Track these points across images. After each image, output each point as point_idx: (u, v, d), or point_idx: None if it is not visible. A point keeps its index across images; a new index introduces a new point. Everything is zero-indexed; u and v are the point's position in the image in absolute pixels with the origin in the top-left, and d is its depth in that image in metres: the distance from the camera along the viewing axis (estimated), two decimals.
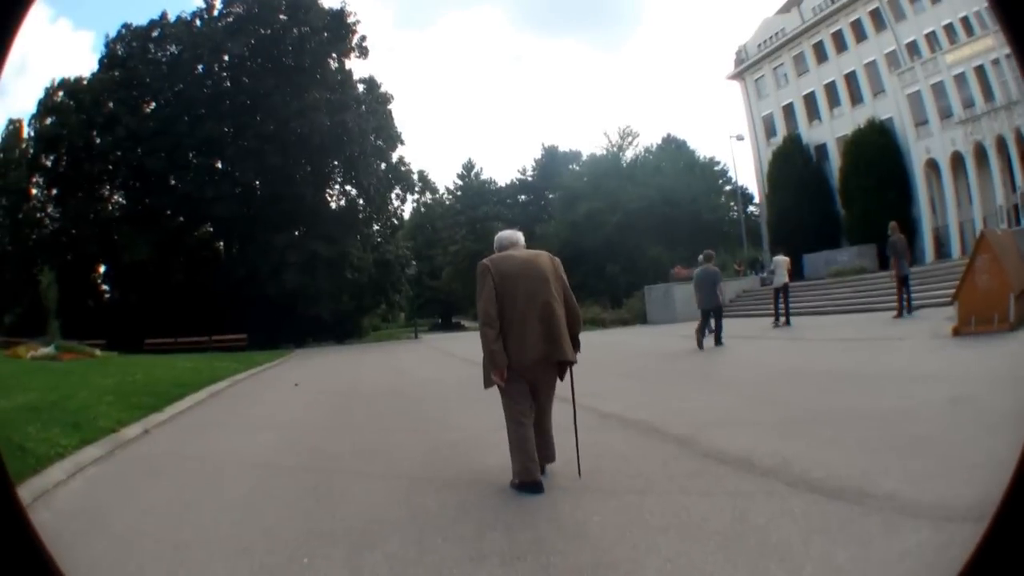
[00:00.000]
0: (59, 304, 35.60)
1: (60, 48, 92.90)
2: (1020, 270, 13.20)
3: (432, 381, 15.33)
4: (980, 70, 35.63)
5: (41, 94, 50.30)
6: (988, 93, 35.50)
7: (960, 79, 36.90)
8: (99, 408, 10.21)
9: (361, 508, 5.22)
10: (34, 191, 50.22)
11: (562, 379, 5.83)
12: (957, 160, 37.46)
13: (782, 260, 22.15)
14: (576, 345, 5.80)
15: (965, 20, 37.71)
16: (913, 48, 41.14)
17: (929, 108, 38.92)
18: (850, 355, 13.18)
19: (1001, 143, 34.65)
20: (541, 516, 4.71)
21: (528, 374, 5.52)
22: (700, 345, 17.09)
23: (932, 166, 39.10)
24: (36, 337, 27.97)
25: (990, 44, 33.79)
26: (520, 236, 6.12)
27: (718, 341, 17.29)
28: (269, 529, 4.86)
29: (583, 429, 5.94)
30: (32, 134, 49.74)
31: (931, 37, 40.14)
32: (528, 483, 5.33)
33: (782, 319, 21.79)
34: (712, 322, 17.53)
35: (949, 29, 38.92)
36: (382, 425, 9.48)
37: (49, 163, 48.82)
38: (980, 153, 35.93)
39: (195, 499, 5.92)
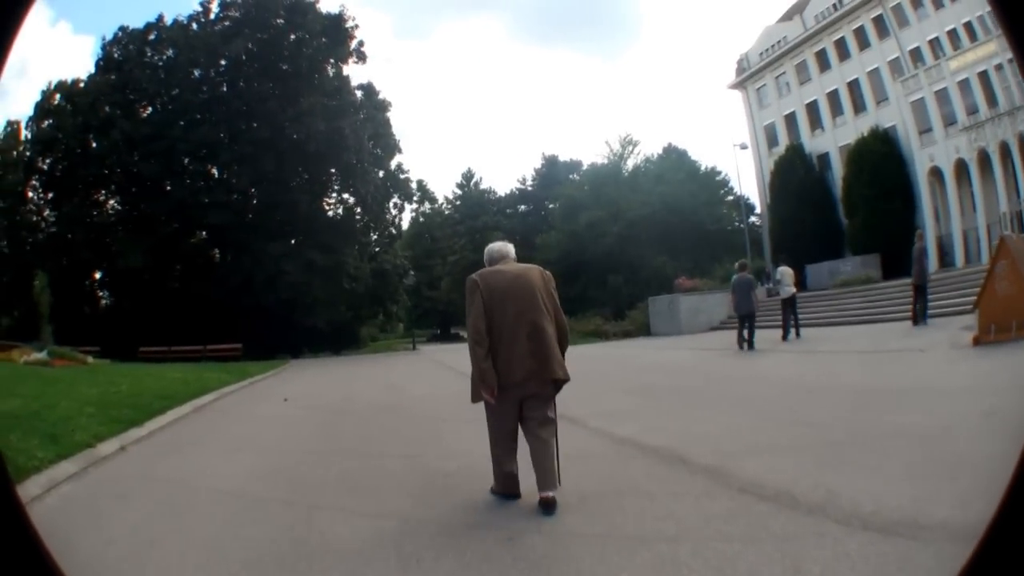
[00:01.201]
0: (53, 309, 35.13)
1: (60, 51, 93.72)
2: None
3: (428, 398, 14.50)
4: (984, 75, 35.61)
5: (39, 96, 49.85)
6: (992, 98, 35.43)
7: (964, 85, 36.89)
8: (79, 420, 9.77)
9: (343, 557, 4.45)
10: (31, 194, 49.69)
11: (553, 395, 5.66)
12: (961, 168, 37.33)
13: (787, 271, 22.04)
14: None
15: (968, 25, 37.68)
16: (916, 55, 41.12)
17: (933, 115, 38.87)
18: (872, 369, 12.69)
19: (1005, 149, 34.53)
20: (559, 573, 3.95)
21: (518, 391, 5.39)
22: (741, 347, 18.86)
23: (936, 174, 38.96)
24: (31, 341, 27.49)
25: (993, 49, 33.77)
26: (510, 248, 6.03)
27: (751, 345, 18.77)
28: None
29: (596, 455, 6.20)
30: (29, 136, 49.30)
31: (935, 43, 40.05)
32: (505, 493, 5.48)
33: (792, 332, 21.31)
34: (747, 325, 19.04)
35: (952, 35, 38.86)
36: (373, 449, 8.66)
37: (46, 166, 48.36)
38: (984, 160, 35.81)
39: (160, 534, 5.21)
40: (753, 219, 56.89)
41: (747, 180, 71.08)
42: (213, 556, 4.59)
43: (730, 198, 63.82)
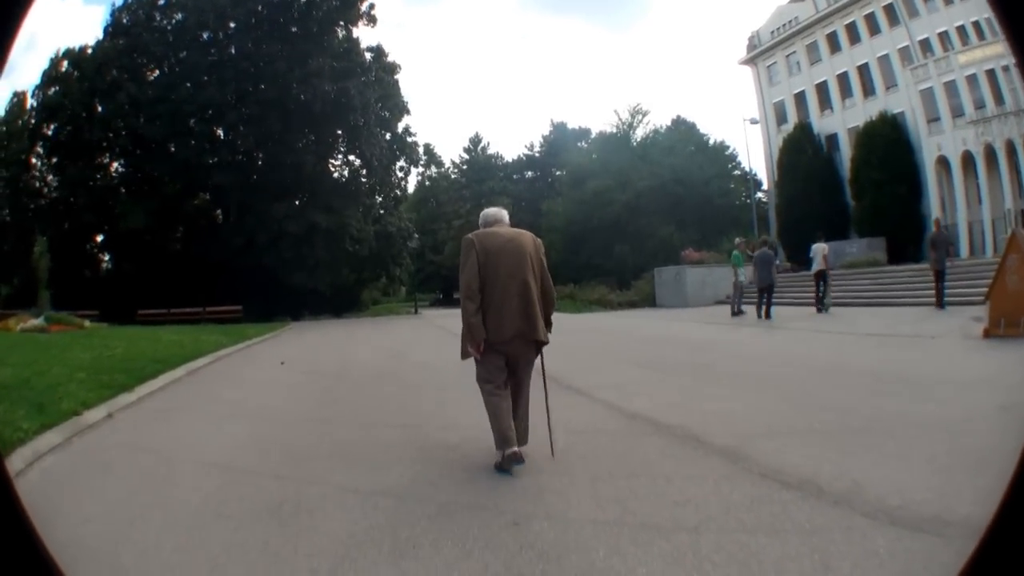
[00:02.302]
0: (52, 274, 34.98)
1: (70, 23, 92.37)
2: None
3: (430, 364, 14.09)
4: (991, 74, 35.66)
5: (46, 65, 49.35)
6: (999, 97, 35.59)
7: (972, 80, 37.03)
8: (68, 387, 9.47)
9: (333, 540, 4.09)
10: (35, 161, 49.30)
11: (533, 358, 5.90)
12: (968, 160, 37.36)
13: (819, 247, 23.30)
14: (548, 326, 5.92)
15: (977, 24, 37.71)
16: (926, 45, 41.15)
17: (941, 105, 38.96)
18: (887, 353, 12.43)
19: (1010, 148, 34.56)
20: (569, 565, 3.59)
21: (505, 348, 5.62)
22: (759, 315, 21.24)
23: (943, 163, 38.97)
24: (29, 308, 27.36)
25: (1000, 50, 33.46)
26: (505, 214, 6.21)
27: (767, 315, 21.13)
28: (216, 562, 3.85)
29: (606, 431, 6.08)
30: (35, 104, 48.77)
31: (944, 36, 40.19)
32: (508, 457, 5.37)
33: (821, 305, 22.77)
34: (766, 297, 21.41)
35: (961, 31, 38.97)
36: (370, 418, 8.25)
37: (50, 132, 47.69)
38: (990, 155, 35.82)
39: (141, 510, 4.86)
40: (759, 195, 56.49)
41: (755, 156, 70.77)
42: (194, 538, 4.27)
43: (737, 173, 63.80)
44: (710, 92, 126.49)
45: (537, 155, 77.87)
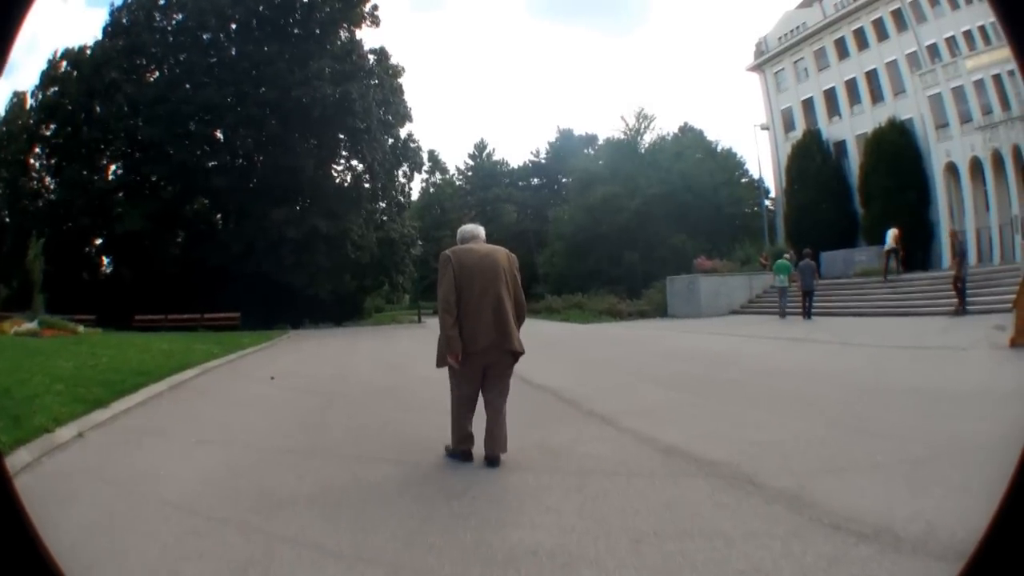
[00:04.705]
0: (48, 277, 34.37)
1: (72, 25, 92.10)
2: None
3: (432, 379, 12.92)
4: (998, 79, 35.20)
5: (45, 65, 48.72)
6: (1005, 102, 35.21)
7: (979, 85, 36.48)
8: (44, 399, 9.02)
9: None
10: (33, 162, 48.79)
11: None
12: (976, 165, 36.88)
13: (892, 232, 28.48)
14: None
15: (983, 29, 37.17)
16: (934, 51, 40.75)
17: (949, 111, 38.36)
18: (921, 366, 11.88)
19: (1017, 153, 34.17)
20: None
21: (480, 359, 6.06)
22: (807, 316, 25.28)
23: (951, 170, 38.41)
24: (25, 311, 27.09)
25: (1007, 55, 32.41)
26: (481, 230, 6.64)
27: (808, 315, 25.30)
28: None
29: (641, 472, 5.59)
30: (34, 105, 48.25)
31: (951, 41, 39.75)
32: (459, 452, 6.28)
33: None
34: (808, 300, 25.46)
35: (968, 36, 38.51)
36: (361, 449, 7.25)
37: (49, 133, 47.37)
38: (998, 161, 35.39)
39: (90, 561, 4.11)
40: (766, 203, 55.91)
41: (759, 164, 70.47)
42: None
43: (744, 180, 63.23)
44: (715, 99, 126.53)
45: (543, 162, 77.22)
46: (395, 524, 4.66)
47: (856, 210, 43.11)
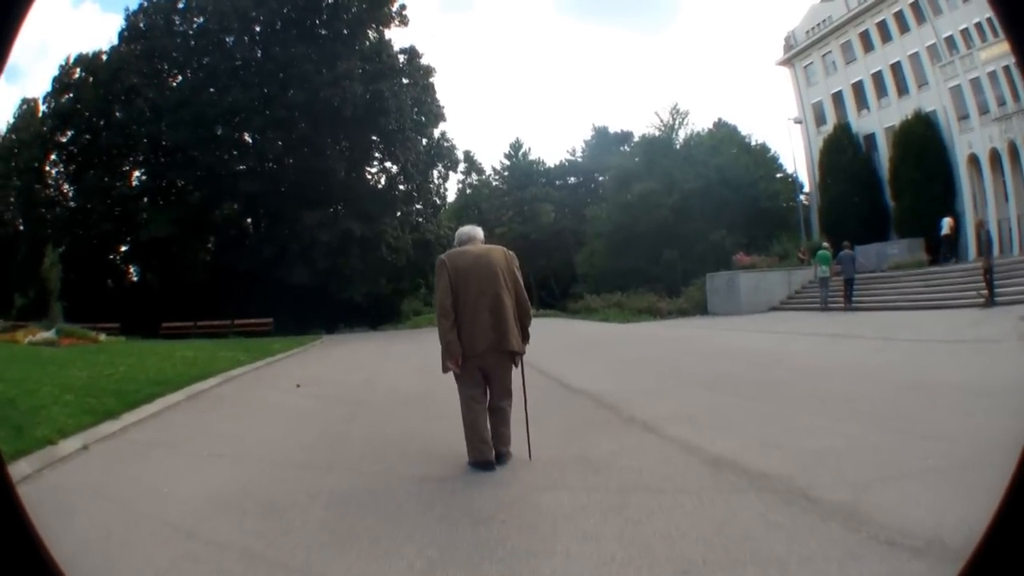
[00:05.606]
0: (68, 285, 34.36)
1: (85, 31, 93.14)
2: None
3: None
4: (1008, 70, 34.98)
5: (56, 72, 48.65)
6: (1016, 94, 35.14)
7: (993, 76, 36.58)
8: (51, 410, 8.92)
9: None
10: (49, 169, 48.72)
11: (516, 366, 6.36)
12: (995, 157, 36.86)
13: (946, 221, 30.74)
14: (525, 337, 6.31)
15: (991, 21, 36.23)
16: (951, 43, 40.66)
17: (969, 103, 38.49)
18: (959, 361, 11.64)
19: None
20: None
21: (480, 361, 6.08)
22: (848, 301, 26.84)
23: (973, 161, 38.36)
24: (41, 320, 26.83)
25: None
26: (479, 232, 6.76)
27: (849, 301, 26.93)
28: None
29: (688, 489, 5.19)
30: (47, 110, 48.22)
31: (965, 33, 39.60)
32: (480, 462, 6.07)
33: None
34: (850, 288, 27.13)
35: (979, 28, 38.31)
36: (383, 465, 6.90)
37: (66, 139, 47.32)
38: (1014, 152, 35.37)
39: None
40: (801, 198, 55.04)
41: (793, 158, 69.82)
42: None
43: (779, 175, 62.76)
44: (747, 95, 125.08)
45: (579, 160, 76.43)
46: (413, 554, 4.27)
47: (887, 203, 42.99)
